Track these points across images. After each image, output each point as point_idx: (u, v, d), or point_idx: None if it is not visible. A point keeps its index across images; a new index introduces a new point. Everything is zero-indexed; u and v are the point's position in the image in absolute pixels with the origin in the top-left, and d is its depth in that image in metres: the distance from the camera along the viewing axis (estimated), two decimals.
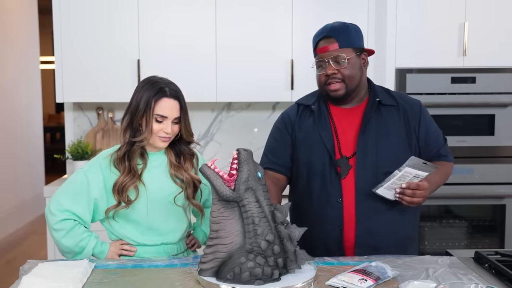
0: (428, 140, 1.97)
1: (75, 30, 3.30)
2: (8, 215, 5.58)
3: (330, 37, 1.89)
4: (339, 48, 1.87)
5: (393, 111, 1.95)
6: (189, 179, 1.90)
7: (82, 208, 1.82)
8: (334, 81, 1.89)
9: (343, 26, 1.91)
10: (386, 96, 1.98)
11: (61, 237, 1.81)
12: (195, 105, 3.60)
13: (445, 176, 2.00)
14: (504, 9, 3.08)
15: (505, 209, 3.13)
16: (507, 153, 3.13)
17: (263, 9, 3.33)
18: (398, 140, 1.91)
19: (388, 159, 1.88)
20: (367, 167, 1.87)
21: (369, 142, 1.89)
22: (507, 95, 3.09)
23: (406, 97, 2.03)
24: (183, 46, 3.32)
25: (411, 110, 1.96)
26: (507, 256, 1.75)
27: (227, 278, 1.48)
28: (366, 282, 1.48)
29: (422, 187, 1.78)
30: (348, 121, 1.95)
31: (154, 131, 1.83)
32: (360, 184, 1.87)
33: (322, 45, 1.91)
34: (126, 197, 1.82)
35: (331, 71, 1.88)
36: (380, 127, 1.91)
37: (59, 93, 3.33)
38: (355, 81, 1.90)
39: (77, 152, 3.36)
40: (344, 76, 1.88)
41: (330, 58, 1.88)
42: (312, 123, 1.96)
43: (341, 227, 1.88)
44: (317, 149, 1.92)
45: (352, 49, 1.89)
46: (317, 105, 1.99)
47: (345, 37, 1.88)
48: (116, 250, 1.88)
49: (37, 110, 6.62)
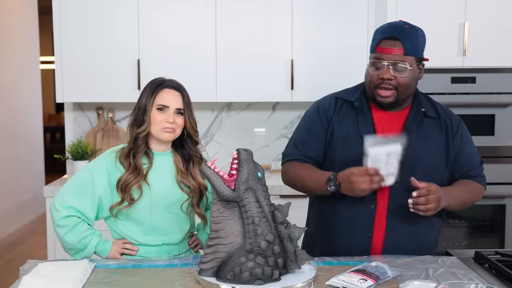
0: (459, 158, 1.87)
1: (75, 30, 3.30)
2: (8, 215, 5.58)
3: (397, 39, 1.75)
4: (403, 54, 1.74)
5: (434, 123, 1.86)
6: (196, 186, 1.90)
7: (86, 205, 1.83)
8: (387, 87, 1.78)
9: (412, 29, 1.78)
10: (429, 107, 1.88)
11: (64, 233, 1.82)
12: (195, 105, 3.55)
13: (470, 193, 1.88)
14: (504, 9, 3.08)
15: (505, 209, 3.13)
16: (507, 153, 3.13)
17: (263, 9, 3.33)
18: (436, 153, 1.84)
19: (425, 171, 1.79)
20: (404, 177, 1.75)
21: (408, 153, 1.78)
22: (507, 95, 3.09)
23: (448, 111, 1.93)
24: (183, 46, 3.32)
25: (451, 124, 1.88)
26: (507, 256, 1.75)
27: (227, 278, 1.48)
28: (366, 282, 1.48)
29: (432, 189, 1.68)
30: (390, 125, 1.85)
31: (157, 121, 1.85)
32: (395, 193, 1.79)
33: (385, 45, 1.76)
34: (129, 195, 1.83)
35: (387, 76, 1.76)
36: (421, 139, 1.83)
37: (59, 93, 3.33)
38: (408, 91, 1.81)
39: (77, 152, 3.36)
40: (399, 85, 1.77)
41: (391, 63, 1.75)
42: (353, 121, 1.86)
43: (371, 234, 1.82)
44: (356, 149, 1.79)
45: (415, 58, 1.77)
46: (360, 102, 1.88)
47: (413, 43, 1.75)
48: (118, 248, 1.88)
49: (37, 110, 6.61)
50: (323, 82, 3.25)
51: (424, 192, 1.68)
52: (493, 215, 3.16)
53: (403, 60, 1.74)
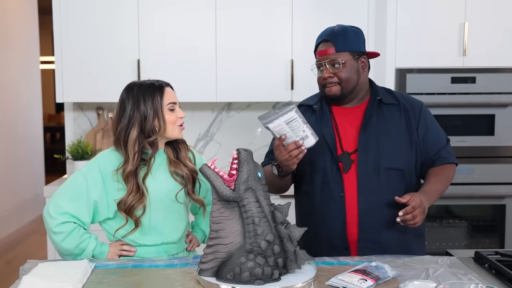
0: (427, 140, 1.98)
1: (75, 30, 3.30)
2: (8, 215, 5.58)
3: (328, 40, 1.93)
4: (335, 52, 1.92)
5: (394, 109, 1.98)
6: (188, 174, 1.91)
7: (81, 211, 1.81)
8: (330, 84, 1.94)
9: (342, 30, 1.95)
10: (387, 95, 2.01)
11: (61, 240, 1.80)
12: (195, 105, 3.60)
13: (446, 180, 2.00)
14: (504, 9, 3.08)
15: (505, 209, 3.13)
16: (507, 153, 3.13)
17: (264, 9, 3.33)
18: (399, 137, 1.94)
19: (389, 155, 1.91)
20: (369, 162, 1.90)
21: (370, 139, 1.92)
22: (507, 95, 3.09)
23: (408, 97, 2.06)
24: (183, 46, 3.32)
25: (412, 108, 1.99)
26: (507, 256, 1.75)
27: (227, 278, 1.48)
28: (366, 282, 1.48)
29: (416, 205, 1.78)
30: (350, 119, 1.98)
31: (172, 121, 1.85)
32: (362, 179, 1.90)
33: (320, 48, 1.96)
34: (134, 215, 1.82)
35: (327, 75, 1.94)
36: (381, 125, 1.95)
37: (59, 93, 3.33)
38: (351, 84, 1.94)
39: (77, 152, 3.36)
40: (340, 79, 1.93)
41: (327, 62, 1.93)
42: (314, 122, 1.98)
43: (344, 221, 1.90)
44: (321, 145, 1.93)
45: (349, 53, 1.93)
46: (319, 104, 2.03)
47: (342, 41, 1.92)
48: (116, 250, 1.88)
49: (37, 110, 6.62)
50: None
51: (410, 210, 1.78)
52: (493, 215, 3.16)
53: (336, 57, 1.91)
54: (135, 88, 1.86)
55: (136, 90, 1.86)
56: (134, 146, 1.81)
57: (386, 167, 1.90)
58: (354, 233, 1.90)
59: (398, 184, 1.92)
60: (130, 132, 1.82)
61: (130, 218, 1.83)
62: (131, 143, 1.82)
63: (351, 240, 1.91)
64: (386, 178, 1.90)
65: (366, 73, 2.00)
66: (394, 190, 1.88)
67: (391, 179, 1.91)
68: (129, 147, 1.82)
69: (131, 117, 1.83)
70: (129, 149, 1.82)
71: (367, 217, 1.89)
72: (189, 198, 1.93)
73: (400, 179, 1.93)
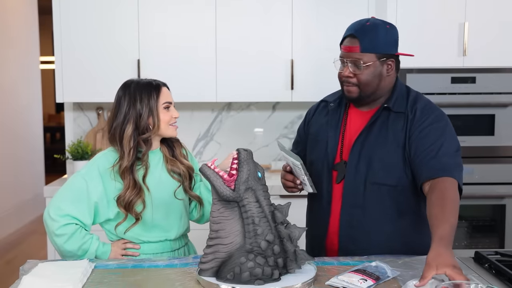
0: (417, 147, 1.74)
1: (75, 30, 3.30)
2: (8, 215, 5.58)
3: (355, 37, 1.76)
4: (360, 51, 1.75)
5: (400, 118, 1.80)
6: (185, 171, 1.94)
7: (83, 212, 1.81)
8: (348, 84, 1.80)
9: (372, 26, 1.76)
10: (400, 102, 1.82)
11: (63, 242, 1.80)
12: (195, 105, 3.60)
13: (454, 205, 1.59)
14: (504, 9, 3.08)
15: (505, 209, 3.13)
16: (507, 153, 3.13)
17: (263, 9, 3.33)
18: (396, 150, 1.77)
19: (380, 169, 1.78)
20: (358, 176, 1.78)
21: (364, 150, 1.79)
22: (507, 95, 3.09)
23: (425, 106, 1.81)
24: (183, 46, 3.32)
25: (413, 118, 1.78)
26: (507, 256, 1.75)
27: (227, 278, 1.48)
28: (366, 282, 1.48)
29: (457, 274, 1.37)
30: (358, 124, 1.85)
31: (166, 120, 1.87)
32: (348, 192, 1.80)
33: (345, 44, 1.80)
34: (133, 211, 1.83)
35: (346, 74, 1.79)
36: (382, 135, 1.79)
37: (59, 93, 3.33)
38: (370, 88, 1.79)
39: (77, 152, 3.35)
40: (359, 82, 1.78)
41: (349, 60, 1.77)
42: (325, 122, 1.91)
43: (326, 230, 1.85)
44: (320, 148, 1.89)
45: (374, 55, 1.75)
46: (337, 103, 1.91)
47: (370, 40, 1.75)
48: (119, 250, 1.88)
49: (37, 110, 6.61)
50: (323, 82, 3.23)
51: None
52: (493, 215, 3.16)
53: (360, 58, 1.75)
54: (132, 86, 1.87)
55: (133, 88, 1.87)
56: (129, 142, 1.83)
57: (374, 182, 1.77)
58: (335, 243, 1.85)
59: (388, 200, 1.78)
60: (125, 128, 1.84)
61: (130, 214, 1.83)
62: (126, 139, 1.83)
63: (331, 249, 1.86)
64: (374, 192, 1.78)
65: (391, 77, 1.82)
66: (382, 206, 1.78)
67: (380, 195, 1.78)
68: (124, 143, 1.83)
69: (127, 114, 1.84)
70: (125, 145, 1.83)
71: (349, 230, 1.81)
72: (187, 195, 1.95)
73: (390, 195, 1.78)
